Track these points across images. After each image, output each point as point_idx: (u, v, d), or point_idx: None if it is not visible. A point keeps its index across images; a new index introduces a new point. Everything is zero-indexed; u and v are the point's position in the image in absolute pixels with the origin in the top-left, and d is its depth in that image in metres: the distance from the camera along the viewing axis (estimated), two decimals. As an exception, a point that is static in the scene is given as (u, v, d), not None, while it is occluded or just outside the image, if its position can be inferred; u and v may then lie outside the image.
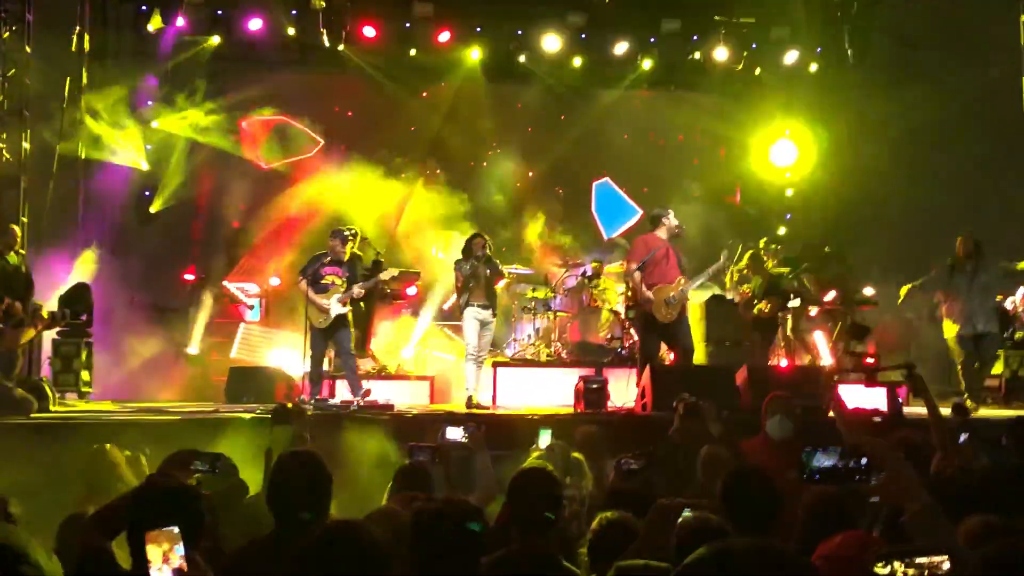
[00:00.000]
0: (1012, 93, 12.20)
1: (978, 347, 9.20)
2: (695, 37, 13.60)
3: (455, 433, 4.66)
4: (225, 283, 12.24)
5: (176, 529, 2.37)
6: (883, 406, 9.34)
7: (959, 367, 9.35)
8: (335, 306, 9.04)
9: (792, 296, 10.93)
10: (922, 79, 13.17)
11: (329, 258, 9.23)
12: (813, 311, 11.59)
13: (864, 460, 2.54)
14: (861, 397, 9.87)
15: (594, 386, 8.95)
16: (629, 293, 11.11)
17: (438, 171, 13.39)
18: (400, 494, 4.21)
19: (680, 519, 3.13)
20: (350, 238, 9.51)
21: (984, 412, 9.22)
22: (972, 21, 12.67)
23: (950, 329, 9.27)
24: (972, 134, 13.21)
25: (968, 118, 12.83)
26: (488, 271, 9.34)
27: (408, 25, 13.11)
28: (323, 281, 9.13)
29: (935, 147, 13.67)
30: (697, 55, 13.68)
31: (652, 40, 13.56)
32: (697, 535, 2.95)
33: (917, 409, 9.24)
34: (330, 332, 9.15)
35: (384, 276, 9.50)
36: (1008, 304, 13.34)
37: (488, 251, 9.42)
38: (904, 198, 13.99)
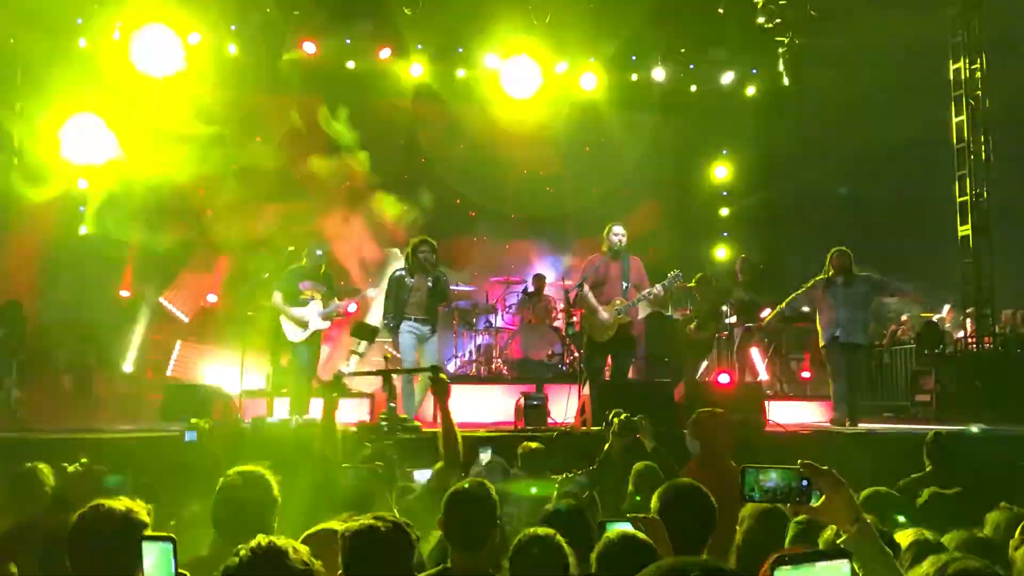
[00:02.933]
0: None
1: (849, 359, 9.31)
2: (633, 58, 13.80)
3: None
4: (161, 299, 12.07)
5: (170, 545, 2.35)
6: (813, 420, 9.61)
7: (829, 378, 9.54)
8: (315, 320, 9.01)
9: (728, 314, 11.13)
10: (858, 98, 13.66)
11: (306, 273, 9.19)
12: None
13: (804, 481, 2.60)
14: (791, 413, 10.13)
15: (534, 403, 8.99)
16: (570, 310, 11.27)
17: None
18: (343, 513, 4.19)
19: (604, 536, 3.18)
20: (323, 257, 9.50)
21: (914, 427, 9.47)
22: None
23: (821, 340, 9.44)
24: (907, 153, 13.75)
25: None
26: (430, 285, 8.79)
27: (348, 42, 13.08)
28: (301, 296, 9.10)
29: (874, 164, 14.15)
30: (635, 76, 13.88)
31: (592, 60, 13.71)
32: (623, 552, 3.01)
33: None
34: (306, 345, 9.12)
35: (370, 294, 9.55)
36: (935, 319, 13.78)
37: (434, 259, 8.81)
38: (842, 214, 14.43)
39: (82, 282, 11.78)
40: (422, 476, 5.28)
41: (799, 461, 2.61)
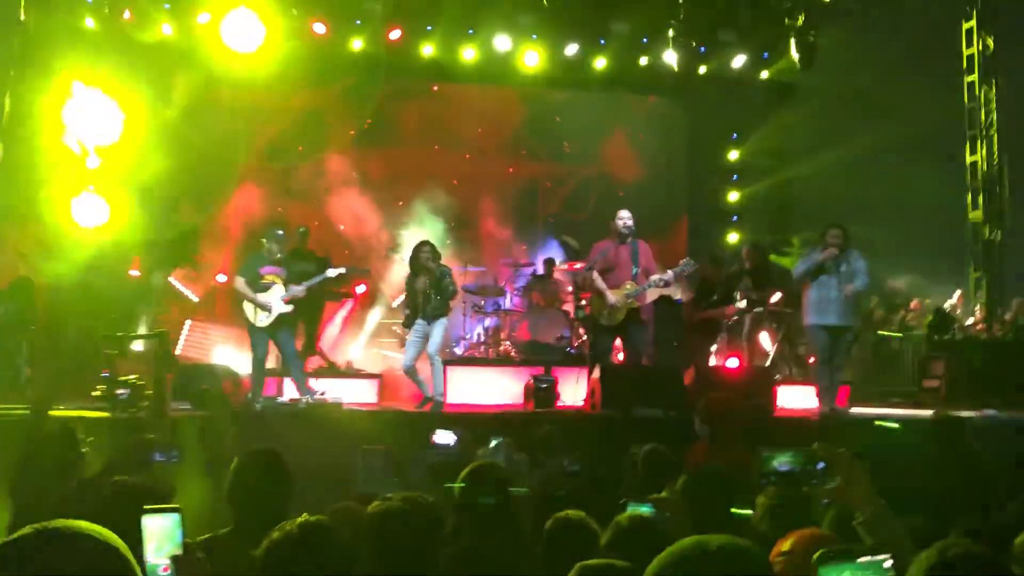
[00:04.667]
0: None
1: (835, 341, 9.08)
2: (644, 40, 13.72)
3: (445, 437, 4.62)
4: (171, 278, 12.08)
5: (177, 516, 2.35)
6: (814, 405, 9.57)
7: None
8: (277, 304, 8.91)
9: (738, 299, 11.12)
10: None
11: (267, 258, 9.11)
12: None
13: (820, 464, 2.61)
14: (797, 397, 10.14)
15: (543, 385, 9.04)
16: (579, 293, 11.29)
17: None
18: (358, 494, 4.21)
19: (616, 519, 3.20)
20: (286, 237, 9.39)
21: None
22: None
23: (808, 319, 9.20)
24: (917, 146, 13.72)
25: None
26: (435, 293, 9.00)
27: (358, 22, 13.00)
28: (263, 280, 8.99)
29: (881, 151, 14.11)
30: (645, 59, 13.81)
31: (602, 42, 13.63)
32: (633, 534, 3.03)
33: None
34: (272, 331, 9.00)
35: (331, 274, 9.43)
36: (947, 306, 13.76)
37: (435, 262, 9.09)
38: (848, 200, 14.39)
39: (91, 261, 11.78)
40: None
41: (814, 444, 2.62)
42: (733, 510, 3.45)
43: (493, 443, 5.70)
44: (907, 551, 2.48)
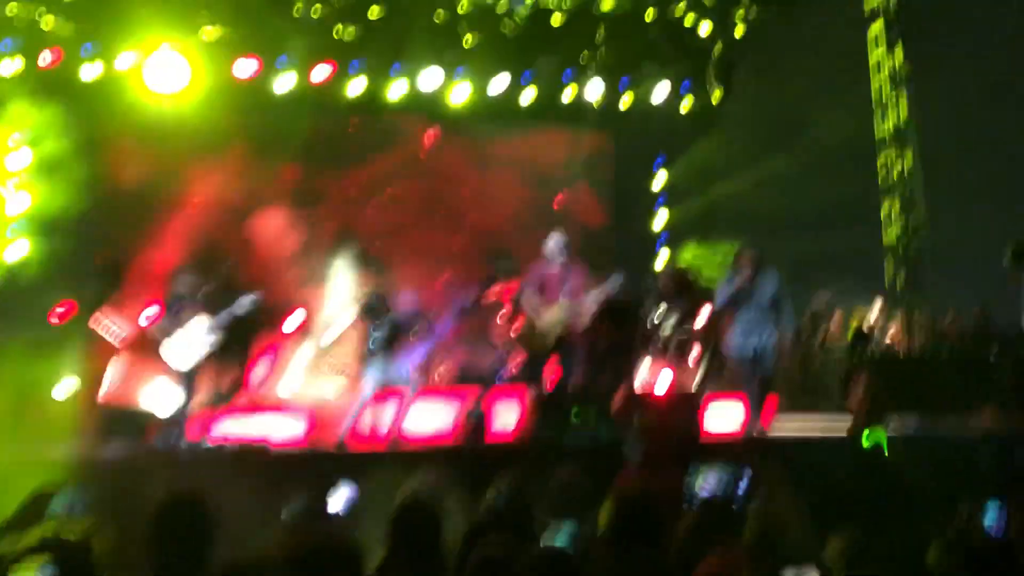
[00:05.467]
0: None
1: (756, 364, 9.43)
2: (567, 73, 13.95)
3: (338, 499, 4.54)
4: (95, 320, 11.80)
5: None
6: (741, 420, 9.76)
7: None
8: (199, 340, 8.78)
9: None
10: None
11: (185, 294, 8.97)
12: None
13: (744, 483, 2.68)
14: (726, 414, 10.28)
15: (475, 415, 9.03)
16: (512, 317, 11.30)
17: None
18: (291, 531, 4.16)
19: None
20: (198, 277, 9.25)
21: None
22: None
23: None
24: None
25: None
26: (388, 334, 9.21)
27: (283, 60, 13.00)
28: (183, 320, 8.87)
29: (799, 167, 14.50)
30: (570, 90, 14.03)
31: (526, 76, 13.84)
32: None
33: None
34: (196, 369, 8.87)
35: (243, 303, 9.26)
36: (868, 318, 14.11)
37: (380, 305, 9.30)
38: (770, 214, 14.77)
39: (10, 305, 11.50)
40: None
41: (737, 461, 2.69)
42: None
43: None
44: (826, 565, 2.56)
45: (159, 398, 10.41)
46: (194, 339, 8.73)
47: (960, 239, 14.19)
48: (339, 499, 5.23)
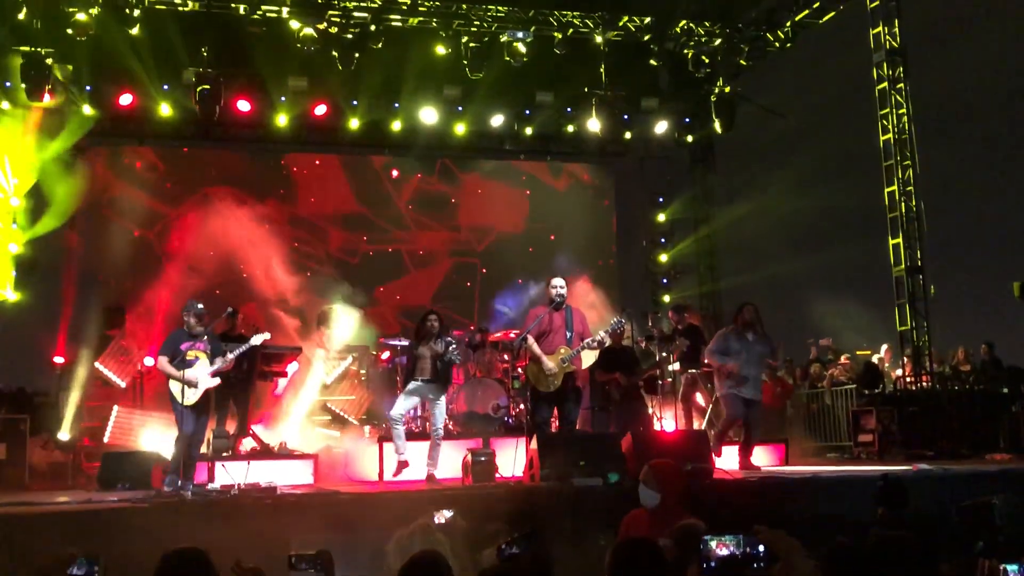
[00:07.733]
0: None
1: (748, 412, 9.79)
2: (568, 109, 13.97)
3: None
4: (97, 364, 11.75)
5: None
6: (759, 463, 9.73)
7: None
8: (204, 379, 8.61)
9: (671, 361, 11.21)
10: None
11: (188, 333, 8.78)
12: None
13: (761, 548, 2.59)
14: (736, 458, 10.17)
15: (482, 458, 8.91)
16: (515, 362, 11.25)
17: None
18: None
19: None
20: (204, 313, 9.07)
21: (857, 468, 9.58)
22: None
23: (721, 388, 9.90)
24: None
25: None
26: (438, 350, 9.29)
27: (283, 99, 13.08)
28: (187, 357, 8.64)
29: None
30: (571, 127, 14.05)
31: (527, 112, 13.86)
32: None
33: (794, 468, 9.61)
34: (201, 409, 8.74)
35: (255, 341, 9.12)
36: (875, 360, 14.01)
37: (438, 327, 9.43)
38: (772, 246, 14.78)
39: (14, 348, 11.47)
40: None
41: (754, 528, 2.60)
42: None
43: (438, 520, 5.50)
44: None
45: (162, 441, 10.33)
46: (200, 374, 8.58)
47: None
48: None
